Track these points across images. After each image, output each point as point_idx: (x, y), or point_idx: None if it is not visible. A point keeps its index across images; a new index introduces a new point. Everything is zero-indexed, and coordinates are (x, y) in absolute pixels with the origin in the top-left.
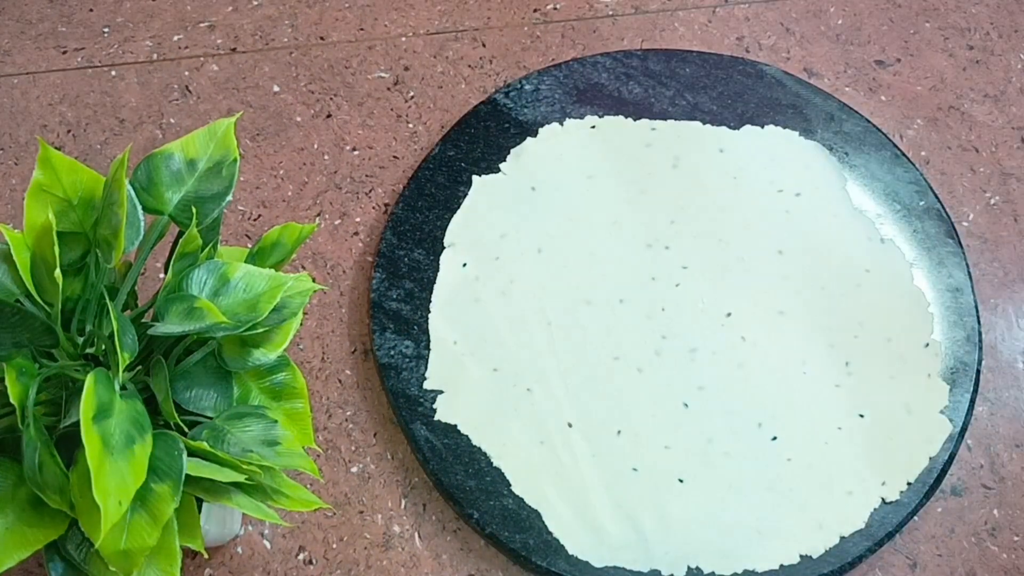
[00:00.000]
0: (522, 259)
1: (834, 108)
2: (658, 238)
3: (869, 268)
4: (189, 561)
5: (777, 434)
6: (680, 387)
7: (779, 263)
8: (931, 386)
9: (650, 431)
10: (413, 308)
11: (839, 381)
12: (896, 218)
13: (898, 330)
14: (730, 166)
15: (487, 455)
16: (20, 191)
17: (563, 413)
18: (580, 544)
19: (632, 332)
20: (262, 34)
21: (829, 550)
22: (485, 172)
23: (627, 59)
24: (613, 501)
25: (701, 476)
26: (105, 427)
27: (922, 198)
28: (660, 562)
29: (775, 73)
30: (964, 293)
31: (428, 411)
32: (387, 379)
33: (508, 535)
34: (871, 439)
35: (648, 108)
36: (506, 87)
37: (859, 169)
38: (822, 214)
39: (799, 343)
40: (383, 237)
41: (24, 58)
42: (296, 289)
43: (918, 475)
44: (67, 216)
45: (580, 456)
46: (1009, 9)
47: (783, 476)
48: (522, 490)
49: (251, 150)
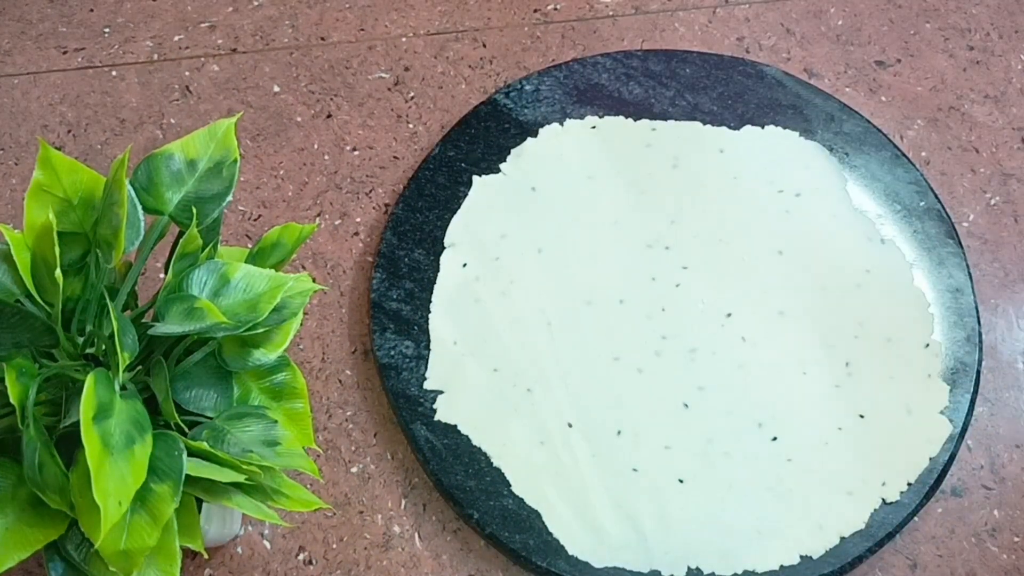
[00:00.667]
0: (522, 259)
1: (834, 109)
2: (658, 238)
3: (869, 268)
4: (189, 561)
5: (777, 434)
6: (680, 387)
7: (779, 263)
8: (931, 387)
9: (650, 431)
10: (413, 308)
11: (839, 381)
12: (896, 218)
13: (898, 330)
14: (730, 166)
15: (487, 455)
16: (20, 191)
17: (563, 413)
18: (580, 544)
19: (632, 332)
20: (262, 34)
21: (829, 551)
22: (485, 172)
23: (627, 60)
24: (613, 501)
25: (701, 476)
26: (105, 427)
27: (922, 198)
28: (660, 562)
29: (775, 74)
30: (964, 294)
31: (428, 411)
32: (387, 379)
33: (508, 535)
34: (871, 440)
35: (648, 108)
36: (506, 87)
37: (859, 169)
38: (822, 214)
39: (799, 343)
40: (383, 237)
41: (25, 58)
42: (296, 289)
43: (918, 476)
44: (67, 216)
45: (580, 456)
46: (1009, 9)
47: (783, 477)
48: (522, 490)
49: (251, 150)
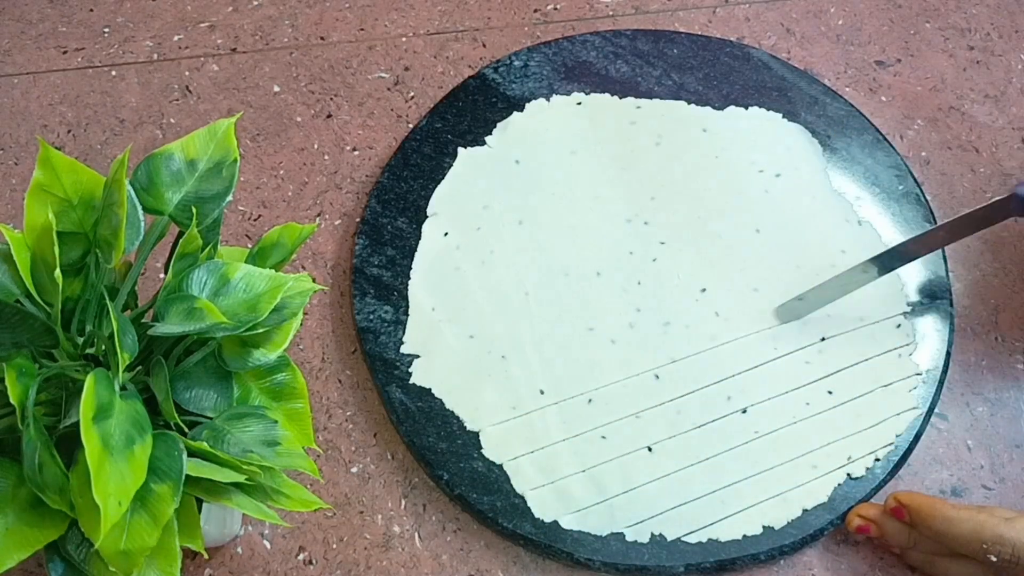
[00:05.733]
0: (503, 230)
1: (819, 92)
2: (638, 213)
3: (845, 249)
4: (189, 561)
5: (746, 407)
6: (652, 359)
7: (756, 241)
8: (901, 365)
9: (621, 400)
10: (394, 275)
11: (809, 358)
12: (875, 201)
13: (870, 310)
14: (712, 145)
15: (460, 419)
16: (20, 191)
17: (536, 380)
18: (546, 508)
19: (607, 304)
20: (262, 34)
21: (791, 522)
22: (471, 144)
23: (616, 38)
24: (581, 467)
25: (669, 446)
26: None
27: (901, 182)
28: (624, 527)
29: (762, 56)
30: (939, 275)
31: (404, 375)
32: (365, 343)
33: (476, 497)
34: (839, 416)
35: (634, 87)
36: (495, 63)
37: (840, 152)
38: (801, 195)
39: (772, 320)
40: (367, 205)
41: (24, 58)
42: (296, 289)
43: (885, 453)
44: (67, 216)
45: (550, 422)
46: (1009, 9)
47: (750, 449)
48: (492, 454)
49: (251, 150)
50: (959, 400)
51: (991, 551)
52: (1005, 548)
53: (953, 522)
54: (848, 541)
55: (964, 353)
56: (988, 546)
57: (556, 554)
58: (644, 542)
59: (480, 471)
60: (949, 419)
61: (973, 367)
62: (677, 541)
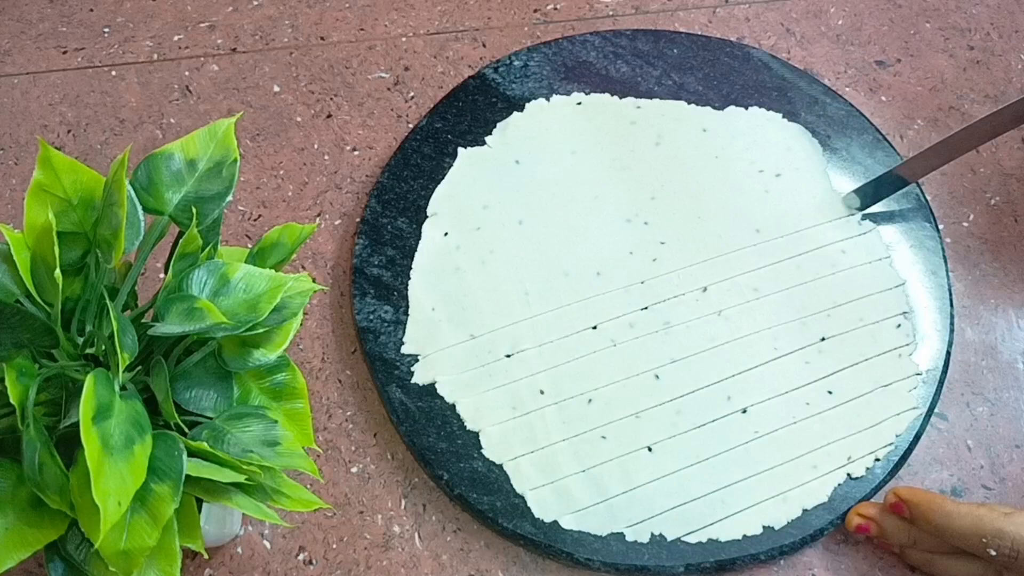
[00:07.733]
0: (503, 230)
1: (819, 92)
2: (638, 213)
3: (845, 249)
4: (189, 561)
5: (746, 407)
6: (652, 359)
7: (756, 241)
8: (901, 366)
9: (621, 401)
10: (394, 275)
11: (809, 358)
12: None
13: (871, 310)
14: (712, 145)
15: (460, 418)
16: (20, 191)
17: (536, 380)
18: (546, 508)
19: (607, 304)
20: (262, 34)
21: (791, 522)
22: (471, 145)
23: (616, 38)
24: (581, 467)
25: (669, 446)
26: (105, 427)
27: None
28: (624, 528)
29: (762, 56)
30: (939, 276)
31: (404, 375)
32: (365, 343)
33: (476, 497)
34: (839, 416)
35: (634, 87)
36: (495, 63)
37: (840, 152)
38: (801, 195)
39: (772, 320)
40: (367, 205)
41: (24, 58)
42: (296, 289)
43: (885, 453)
44: (67, 216)
45: (551, 422)
46: (1009, 9)
47: (750, 449)
48: (492, 454)
49: (251, 150)
50: (959, 400)
51: (991, 545)
52: (1004, 542)
53: (952, 517)
54: (848, 541)
55: (964, 353)
56: (987, 540)
57: (556, 554)
58: (644, 542)
59: (480, 471)
60: (949, 419)
61: (973, 367)
62: (677, 541)
